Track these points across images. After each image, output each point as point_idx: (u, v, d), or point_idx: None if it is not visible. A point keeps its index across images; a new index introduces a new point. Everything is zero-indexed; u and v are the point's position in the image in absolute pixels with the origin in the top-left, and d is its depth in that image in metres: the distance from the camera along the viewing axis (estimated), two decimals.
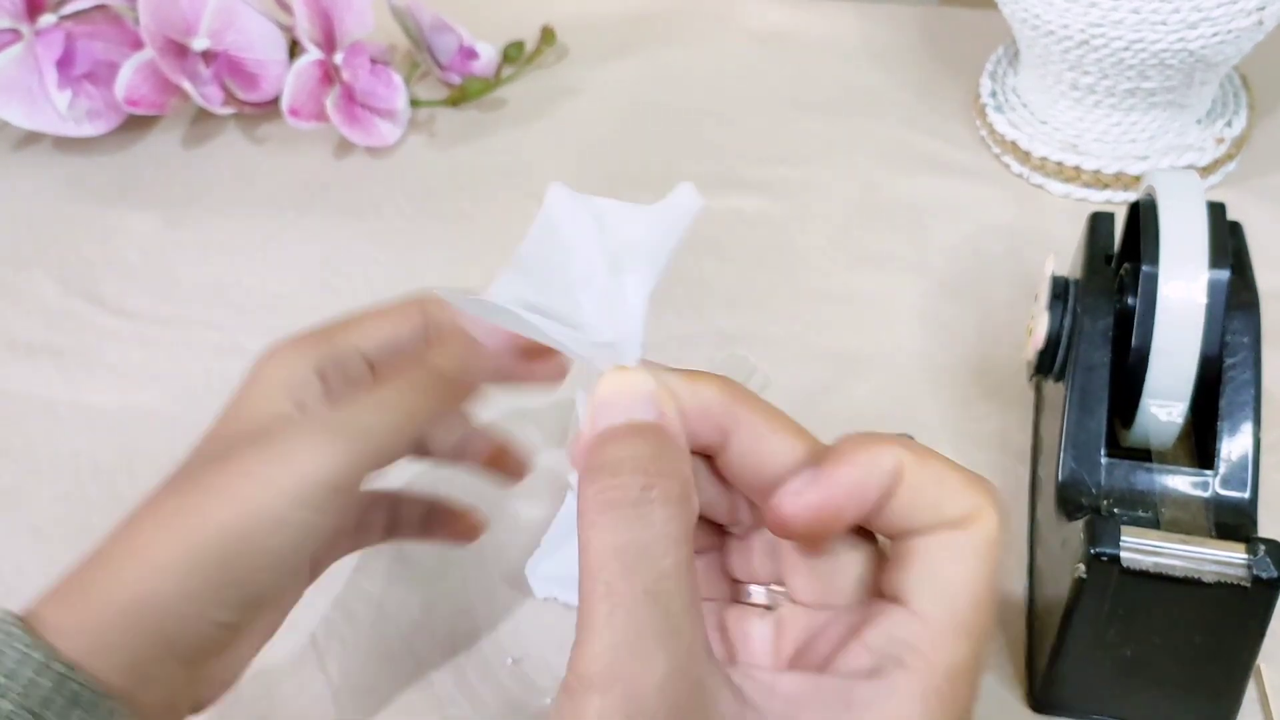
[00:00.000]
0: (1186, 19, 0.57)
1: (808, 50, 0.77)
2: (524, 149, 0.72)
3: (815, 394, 0.57)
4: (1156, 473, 0.43)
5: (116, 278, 0.65)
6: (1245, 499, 0.43)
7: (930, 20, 0.78)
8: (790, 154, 0.70)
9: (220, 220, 0.68)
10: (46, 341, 0.62)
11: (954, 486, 0.28)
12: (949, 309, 0.61)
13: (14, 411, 0.59)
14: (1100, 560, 0.39)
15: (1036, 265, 0.60)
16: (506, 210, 0.68)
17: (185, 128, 0.74)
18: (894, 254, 0.64)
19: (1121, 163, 0.64)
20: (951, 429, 0.55)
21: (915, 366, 0.58)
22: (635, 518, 0.26)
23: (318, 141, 0.72)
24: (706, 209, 0.31)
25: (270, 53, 0.70)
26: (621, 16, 0.80)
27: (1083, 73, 0.62)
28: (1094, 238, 0.49)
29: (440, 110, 0.74)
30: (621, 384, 0.29)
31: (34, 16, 0.69)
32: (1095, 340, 0.45)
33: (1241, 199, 0.63)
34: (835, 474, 0.28)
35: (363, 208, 0.68)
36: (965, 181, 0.67)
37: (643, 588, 0.26)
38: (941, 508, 0.28)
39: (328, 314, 0.41)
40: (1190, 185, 0.45)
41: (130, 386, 0.60)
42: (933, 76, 0.74)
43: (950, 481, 0.28)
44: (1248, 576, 0.39)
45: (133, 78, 0.69)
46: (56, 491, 0.56)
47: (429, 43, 0.73)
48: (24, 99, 0.69)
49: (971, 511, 0.28)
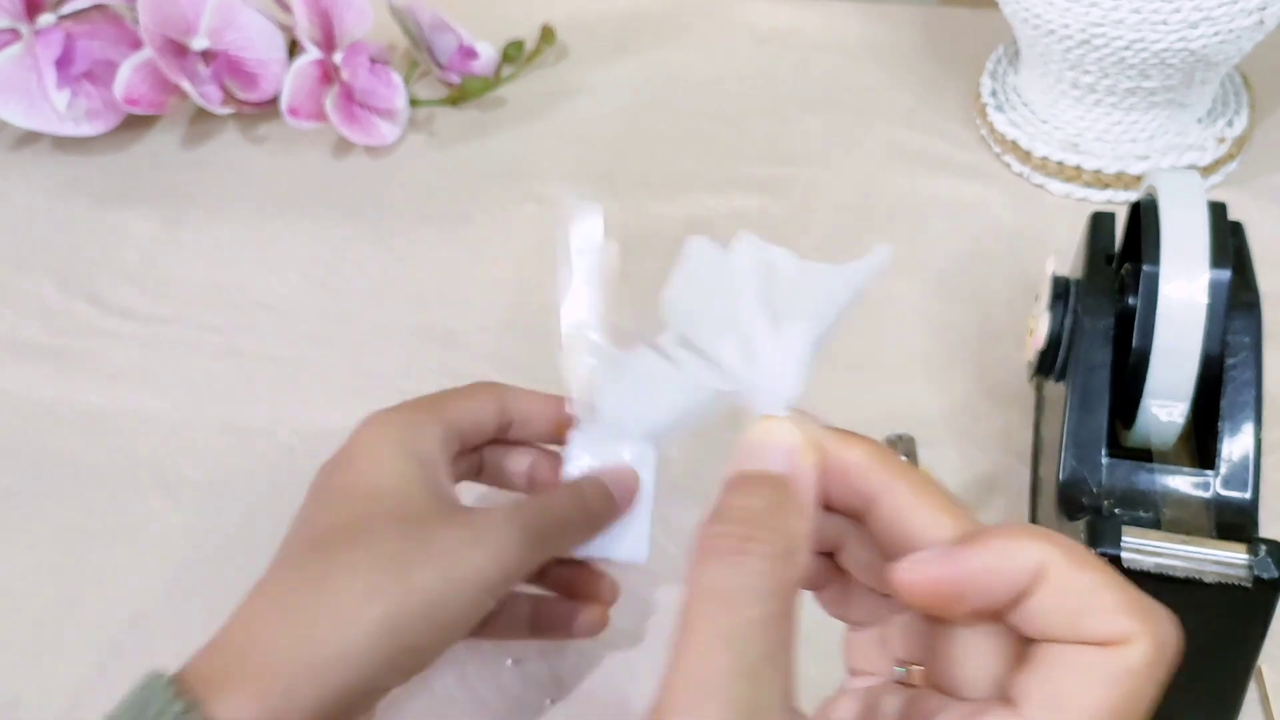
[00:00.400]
0: (1187, 18, 0.57)
1: (808, 50, 0.77)
2: (524, 149, 0.71)
3: (815, 394, 0.57)
4: (1157, 473, 0.43)
5: (116, 278, 0.65)
6: (1246, 499, 0.43)
7: (930, 20, 0.78)
8: (790, 154, 0.70)
9: (220, 220, 0.68)
10: (46, 342, 0.62)
11: (1106, 603, 0.26)
12: (949, 309, 0.61)
13: (14, 411, 0.59)
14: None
15: (1037, 265, 0.60)
16: (506, 210, 0.67)
17: (184, 127, 0.74)
18: (894, 254, 0.63)
19: (1122, 162, 0.64)
20: (952, 429, 0.55)
21: (915, 366, 0.58)
22: (727, 565, 0.27)
23: (317, 141, 0.72)
24: (707, 209, 0.31)
25: (269, 52, 0.70)
26: (621, 16, 0.80)
27: (1083, 72, 0.62)
28: (1095, 238, 0.49)
29: (440, 110, 0.74)
30: (765, 433, 0.29)
31: (33, 16, 0.69)
32: (1096, 340, 0.45)
33: (1242, 199, 0.63)
34: (965, 554, 0.27)
35: (362, 207, 0.68)
36: (966, 181, 0.67)
37: (722, 632, 0.26)
38: (1084, 622, 0.26)
39: (327, 314, 0.41)
40: (1191, 185, 0.45)
41: (130, 386, 0.60)
42: (933, 76, 0.74)
43: (1103, 597, 0.26)
44: (1249, 577, 0.39)
45: (131, 77, 0.69)
46: (56, 491, 0.56)
47: (428, 42, 0.73)
48: (23, 98, 0.69)
49: (1119, 635, 0.26)
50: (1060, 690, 0.26)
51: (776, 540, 0.27)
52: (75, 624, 0.51)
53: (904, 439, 0.54)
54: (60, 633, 0.50)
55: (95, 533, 0.54)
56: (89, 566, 0.52)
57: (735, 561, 0.27)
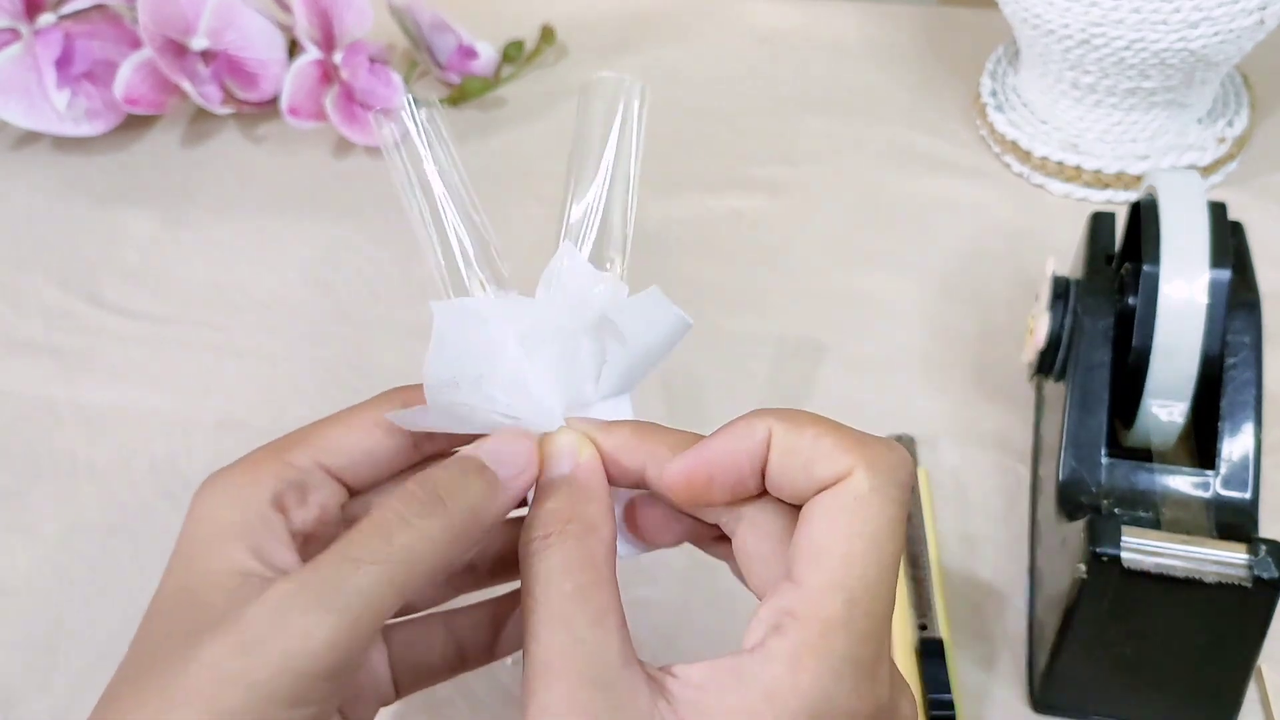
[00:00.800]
0: (1187, 18, 0.57)
1: (808, 50, 0.77)
2: (524, 149, 0.71)
3: (816, 394, 0.57)
4: (1157, 473, 0.43)
5: (116, 278, 0.65)
6: (1246, 499, 0.43)
7: (930, 20, 0.78)
8: (790, 154, 0.70)
9: (219, 220, 0.68)
10: (46, 341, 0.62)
11: (825, 448, 0.30)
12: (949, 309, 0.61)
13: (14, 411, 0.59)
14: (1101, 560, 0.39)
15: (1036, 265, 0.60)
16: (506, 210, 0.67)
17: (184, 127, 0.74)
18: (894, 254, 0.64)
19: (1122, 162, 0.64)
20: (952, 429, 0.55)
21: (915, 366, 0.58)
22: (541, 558, 0.31)
23: (317, 141, 0.72)
24: (707, 209, 0.31)
25: (269, 52, 0.70)
26: (621, 16, 0.80)
27: (1083, 72, 0.62)
28: (1095, 237, 0.49)
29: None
30: (548, 445, 0.33)
31: (33, 16, 0.69)
32: (1096, 340, 0.45)
33: (1243, 198, 0.63)
34: (707, 443, 0.31)
35: (362, 207, 0.68)
36: (965, 181, 0.67)
37: (551, 612, 0.29)
38: (813, 470, 0.30)
39: (327, 314, 0.41)
40: (1191, 185, 0.45)
41: (130, 386, 0.60)
42: (933, 76, 0.74)
43: (823, 444, 0.30)
44: (1249, 577, 0.39)
45: (131, 77, 0.69)
46: (56, 491, 0.56)
47: (428, 42, 0.73)
48: (23, 98, 0.69)
49: (842, 471, 0.29)
50: (814, 541, 0.29)
51: (575, 526, 0.31)
52: (75, 624, 0.51)
53: (904, 439, 0.54)
54: (60, 632, 0.50)
55: (95, 532, 0.54)
56: (89, 566, 0.52)
57: (546, 554, 0.30)
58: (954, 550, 0.51)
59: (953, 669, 0.46)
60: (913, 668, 0.46)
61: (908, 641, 0.47)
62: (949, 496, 0.53)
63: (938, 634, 0.47)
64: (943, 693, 0.45)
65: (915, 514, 0.51)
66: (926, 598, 0.48)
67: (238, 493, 0.31)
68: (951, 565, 0.50)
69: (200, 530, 0.31)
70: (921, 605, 0.48)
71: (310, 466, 0.32)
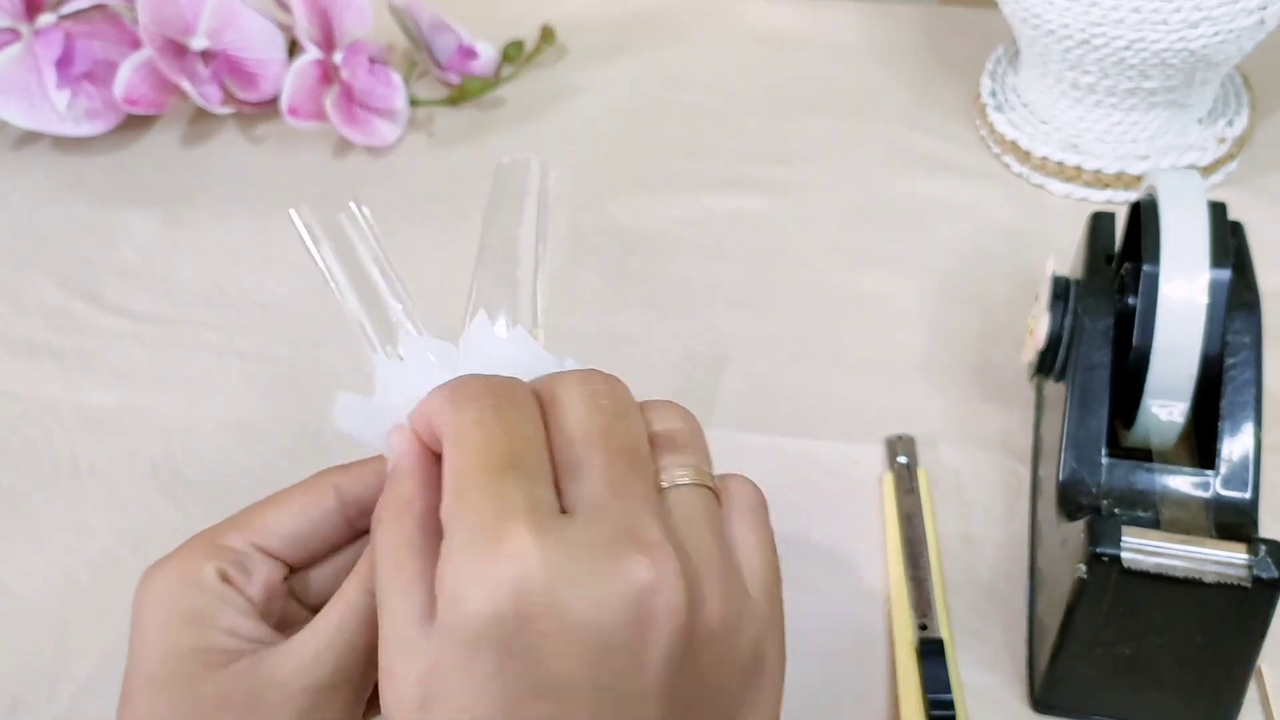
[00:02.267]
0: (1187, 18, 0.57)
1: (808, 50, 0.77)
2: (524, 149, 0.71)
3: (815, 394, 0.57)
4: (1157, 473, 0.43)
5: (116, 278, 0.65)
6: (1246, 499, 0.43)
7: (930, 20, 0.78)
8: (790, 154, 0.70)
9: (219, 220, 0.68)
10: (46, 341, 0.62)
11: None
12: (949, 309, 0.61)
13: (14, 411, 0.59)
14: (1101, 560, 0.39)
15: (1037, 265, 0.60)
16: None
17: (184, 127, 0.74)
18: (894, 254, 0.64)
19: (1122, 162, 0.64)
20: (952, 429, 0.55)
21: (915, 366, 0.58)
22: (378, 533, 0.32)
23: (317, 141, 0.72)
24: (707, 209, 0.31)
25: (269, 52, 0.70)
26: (621, 16, 0.80)
27: (1083, 72, 0.62)
28: (1095, 237, 0.49)
29: (439, 110, 0.74)
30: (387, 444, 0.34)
31: (33, 16, 0.69)
32: (1096, 340, 0.45)
33: (1243, 198, 0.63)
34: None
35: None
36: (965, 181, 0.67)
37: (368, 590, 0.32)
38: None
39: (327, 314, 0.41)
40: (1191, 185, 0.45)
41: (130, 386, 0.60)
42: (933, 76, 0.74)
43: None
44: (1248, 577, 0.39)
45: (131, 77, 0.69)
46: (56, 491, 0.56)
47: (428, 42, 0.73)
48: (23, 98, 0.69)
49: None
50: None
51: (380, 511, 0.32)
52: (75, 624, 0.51)
53: (904, 439, 0.54)
54: (60, 633, 0.50)
55: (95, 532, 0.54)
56: (89, 566, 0.52)
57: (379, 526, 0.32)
58: (954, 550, 0.51)
59: (953, 669, 0.46)
60: (913, 668, 0.46)
61: (908, 641, 0.47)
62: (949, 496, 0.53)
63: (938, 634, 0.47)
64: (943, 693, 0.45)
65: (915, 514, 0.51)
66: (926, 598, 0.48)
67: (174, 582, 0.33)
68: (951, 565, 0.50)
69: (148, 624, 0.32)
70: (921, 605, 0.48)
71: (247, 550, 0.34)
